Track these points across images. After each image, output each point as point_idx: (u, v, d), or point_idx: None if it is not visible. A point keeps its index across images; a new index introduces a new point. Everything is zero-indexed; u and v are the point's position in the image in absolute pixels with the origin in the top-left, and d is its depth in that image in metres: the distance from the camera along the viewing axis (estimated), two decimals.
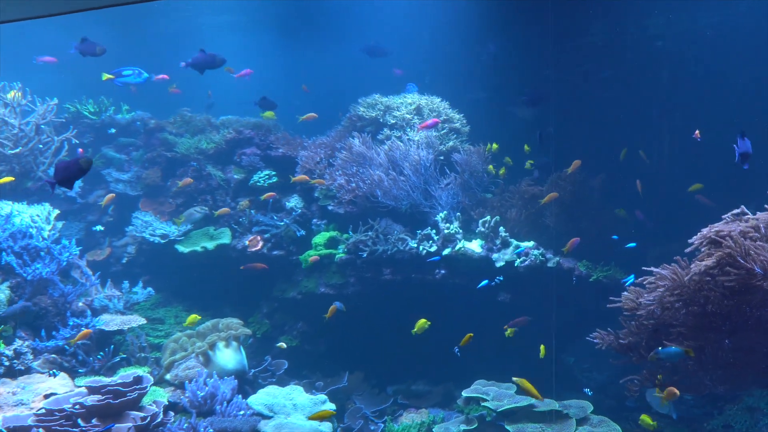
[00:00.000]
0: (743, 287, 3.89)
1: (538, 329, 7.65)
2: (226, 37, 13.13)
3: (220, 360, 6.51)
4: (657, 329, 4.63)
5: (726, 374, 4.51)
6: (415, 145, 7.49)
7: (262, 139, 8.47)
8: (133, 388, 5.31)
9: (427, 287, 7.41)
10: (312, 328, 8.02)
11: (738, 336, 4.25)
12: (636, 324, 4.84)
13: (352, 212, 7.72)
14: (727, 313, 4.19)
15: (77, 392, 5.49)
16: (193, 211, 7.67)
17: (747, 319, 4.17)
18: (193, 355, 6.41)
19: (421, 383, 7.90)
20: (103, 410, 5.11)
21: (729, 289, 3.97)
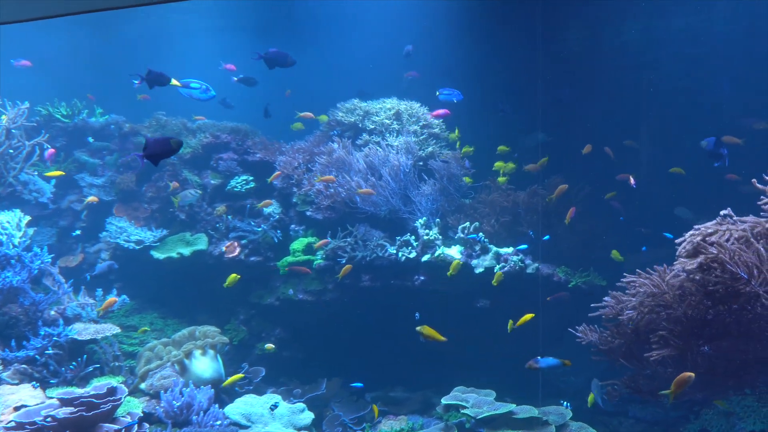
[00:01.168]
0: (726, 292, 3.89)
1: (518, 336, 7.68)
2: (203, 39, 12.99)
3: (196, 369, 6.40)
4: (637, 334, 4.63)
5: (705, 380, 4.52)
6: (394, 151, 7.44)
7: (239, 144, 8.37)
8: (107, 400, 5.20)
9: (406, 293, 7.37)
10: (290, 334, 7.95)
11: (717, 342, 4.25)
12: (616, 329, 4.84)
13: (330, 218, 7.65)
14: (707, 318, 4.19)
15: (49, 404, 5.35)
16: (188, 194, 7.54)
17: (727, 326, 4.18)
18: (169, 364, 6.30)
19: (399, 390, 7.87)
20: (75, 423, 4.99)
21: (711, 293, 3.97)
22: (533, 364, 4.67)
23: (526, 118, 8.72)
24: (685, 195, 7.85)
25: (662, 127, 8.47)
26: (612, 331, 4.86)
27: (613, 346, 4.83)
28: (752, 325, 4.01)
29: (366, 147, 7.76)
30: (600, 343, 4.91)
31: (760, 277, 3.62)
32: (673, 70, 8.79)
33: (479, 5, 9.83)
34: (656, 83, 8.76)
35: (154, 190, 8.27)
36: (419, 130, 7.93)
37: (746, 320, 4.07)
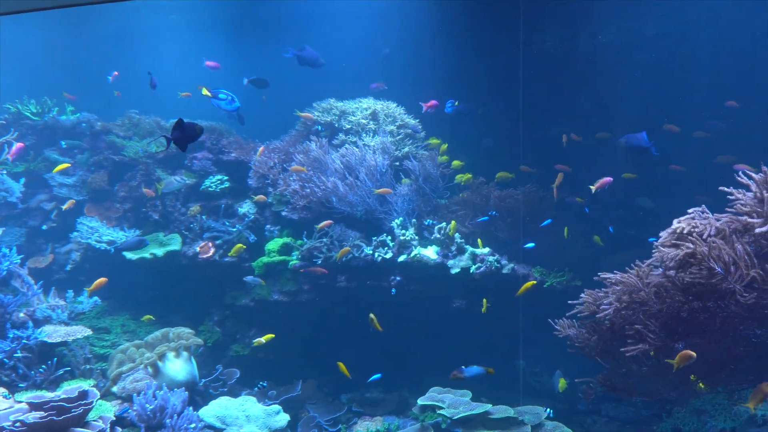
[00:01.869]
0: (702, 288, 3.92)
1: (494, 336, 7.71)
2: (176, 36, 12.82)
3: (170, 371, 6.31)
4: (613, 331, 4.65)
5: (679, 379, 4.56)
6: (371, 151, 7.41)
7: (214, 143, 8.27)
8: (78, 404, 5.09)
9: (382, 294, 7.35)
10: (265, 335, 7.86)
11: (692, 339, 4.29)
12: (593, 325, 4.86)
13: (306, 218, 7.60)
14: (681, 316, 4.23)
15: (17, 409, 5.23)
16: (174, 180, 7.42)
17: (701, 323, 4.22)
18: (142, 367, 6.20)
19: (375, 391, 7.84)
20: (46, 428, 4.88)
21: (687, 289, 4.00)
22: (458, 374, 4.68)
23: (502, 120, 8.77)
24: (658, 192, 7.96)
25: (638, 126, 8.54)
26: (588, 327, 4.88)
27: (589, 343, 4.85)
28: (726, 324, 4.06)
29: (343, 147, 7.72)
30: (576, 339, 4.93)
31: (737, 274, 3.65)
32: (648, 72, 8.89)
33: (457, 5, 9.84)
34: (630, 84, 8.85)
35: (127, 190, 8.14)
36: (395, 130, 7.91)
37: (720, 318, 4.11)
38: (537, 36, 9.61)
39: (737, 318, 4.01)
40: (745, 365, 4.31)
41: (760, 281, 3.67)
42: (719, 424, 6.32)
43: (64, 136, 8.84)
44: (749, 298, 3.63)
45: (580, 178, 7.47)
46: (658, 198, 7.99)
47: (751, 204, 3.89)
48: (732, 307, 3.95)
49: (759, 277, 3.66)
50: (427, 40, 10.13)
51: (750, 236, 3.76)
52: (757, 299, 3.67)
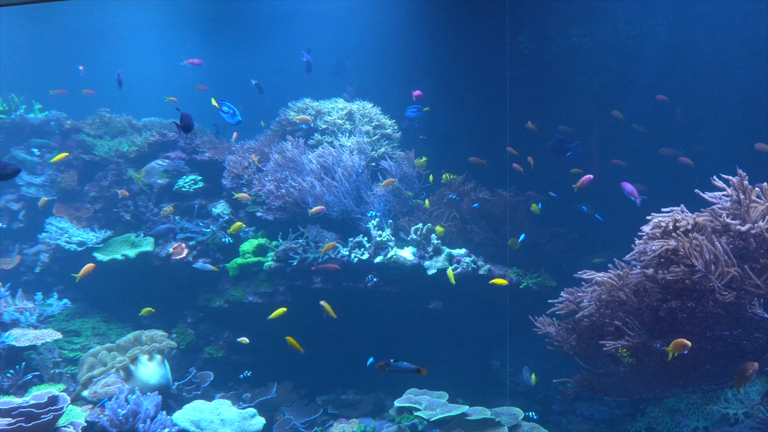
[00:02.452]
0: (681, 286, 3.92)
1: (469, 338, 7.72)
2: (147, 34, 12.64)
3: (142, 375, 6.19)
4: (592, 330, 4.66)
5: (657, 378, 4.59)
6: (347, 151, 7.36)
7: (187, 143, 8.14)
8: (48, 410, 4.97)
9: (358, 295, 7.30)
10: (239, 337, 7.76)
11: (669, 339, 4.31)
12: (572, 324, 4.86)
13: (281, 219, 7.53)
14: (659, 315, 4.24)
15: None
16: (155, 165, 7.24)
17: (680, 322, 4.23)
18: (113, 370, 6.07)
19: (350, 392, 7.79)
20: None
21: (666, 287, 4.00)
22: (385, 367, 4.60)
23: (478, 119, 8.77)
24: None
25: (609, 130, 8.61)
26: (568, 326, 4.88)
27: (568, 341, 4.85)
28: (703, 323, 4.09)
29: (319, 147, 7.66)
30: (556, 337, 4.93)
31: (717, 272, 3.67)
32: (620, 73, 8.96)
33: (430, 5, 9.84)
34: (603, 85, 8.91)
35: (98, 190, 7.98)
36: (371, 131, 7.87)
37: (698, 318, 4.13)
38: (511, 37, 9.65)
39: (714, 318, 4.04)
40: (720, 366, 4.35)
41: (738, 280, 3.70)
42: (692, 423, 6.41)
43: (31, 135, 8.64)
44: (728, 296, 3.65)
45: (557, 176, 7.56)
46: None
47: (729, 207, 3.93)
48: (709, 307, 3.98)
49: (738, 276, 3.69)
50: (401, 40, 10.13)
51: (728, 237, 3.80)
52: (735, 298, 3.70)
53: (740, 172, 4.00)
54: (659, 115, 8.27)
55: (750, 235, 3.73)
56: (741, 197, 3.84)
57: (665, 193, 7.06)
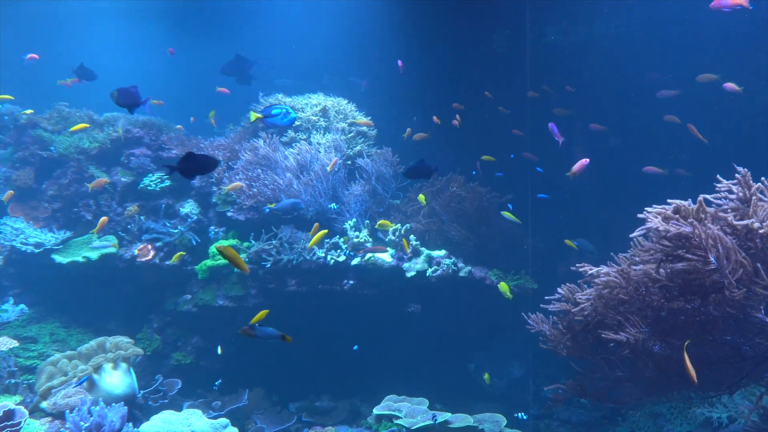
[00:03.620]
0: (689, 280, 3.73)
1: (448, 341, 7.52)
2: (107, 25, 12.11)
3: (106, 384, 5.81)
4: (587, 331, 4.47)
5: (654, 383, 4.43)
6: (323, 149, 7.09)
7: (153, 139, 7.75)
8: (4, 425, 4.60)
9: (334, 298, 7.04)
10: (208, 343, 7.45)
11: (669, 341, 4.14)
12: (567, 323, 4.66)
13: (253, 219, 7.22)
14: (661, 315, 4.05)
15: None
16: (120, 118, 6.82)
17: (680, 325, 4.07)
18: (75, 380, 5.68)
19: (325, 399, 7.54)
20: None
21: (671, 280, 3.79)
22: (249, 331, 4.27)
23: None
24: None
25: (585, 128, 8.52)
26: (563, 325, 4.67)
27: (562, 341, 4.64)
28: (705, 326, 3.93)
29: (294, 144, 7.37)
30: (550, 336, 4.72)
31: (729, 266, 3.50)
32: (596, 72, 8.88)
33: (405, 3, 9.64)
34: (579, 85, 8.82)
35: (56, 188, 7.54)
36: (347, 128, 7.61)
37: (700, 319, 3.96)
38: (485, 35, 9.53)
39: (716, 321, 3.90)
40: (720, 371, 4.21)
41: (747, 280, 3.55)
42: (675, 428, 6.31)
43: None
44: (738, 294, 3.49)
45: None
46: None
47: (733, 207, 3.79)
48: (711, 309, 3.83)
49: (748, 274, 3.54)
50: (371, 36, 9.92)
51: (734, 237, 3.65)
52: (744, 299, 3.54)
53: (742, 170, 3.87)
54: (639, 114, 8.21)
55: (757, 234, 3.59)
56: (746, 194, 3.70)
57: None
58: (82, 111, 8.18)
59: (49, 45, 10.85)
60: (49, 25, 11.90)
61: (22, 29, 11.85)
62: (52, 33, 11.82)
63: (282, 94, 7.92)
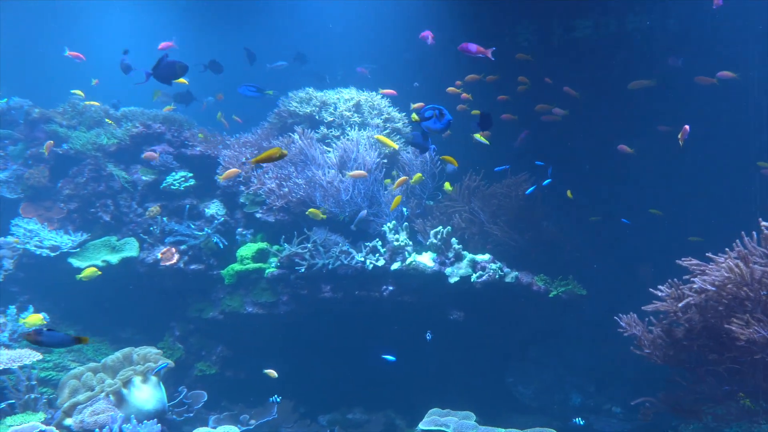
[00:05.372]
0: None
1: (487, 350, 7.11)
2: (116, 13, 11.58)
3: (136, 400, 5.36)
4: (690, 336, 4.03)
5: None
6: (362, 146, 6.64)
7: (175, 136, 7.28)
8: None
9: (371, 305, 6.62)
10: (234, 352, 7.03)
11: None
12: (666, 327, 4.22)
13: (283, 220, 6.78)
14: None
15: None
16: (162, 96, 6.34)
17: None
18: (103, 395, 5.22)
19: (357, 411, 7.15)
20: None
21: None
22: (35, 336, 3.81)
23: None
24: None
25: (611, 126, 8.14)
26: (661, 328, 4.21)
27: (660, 346, 4.18)
28: None
29: (324, 141, 6.94)
30: (643, 340, 4.27)
31: None
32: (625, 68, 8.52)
33: None
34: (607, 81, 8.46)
35: (72, 187, 7.06)
36: (381, 124, 7.18)
37: None
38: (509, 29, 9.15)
39: None
40: None
41: None
42: None
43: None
44: None
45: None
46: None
47: None
48: None
49: None
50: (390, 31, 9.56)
51: None
52: None
53: None
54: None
55: None
56: None
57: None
58: (99, 105, 7.70)
59: (53, 31, 10.33)
60: (54, 13, 11.36)
61: (28, 20, 11.31)
62: (59, 22, 11.28)
63: (312, 88, 7.47)
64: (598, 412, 7.70)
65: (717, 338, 3.84)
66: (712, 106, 7.46)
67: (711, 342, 3.87)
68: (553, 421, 7.29)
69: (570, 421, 7.22)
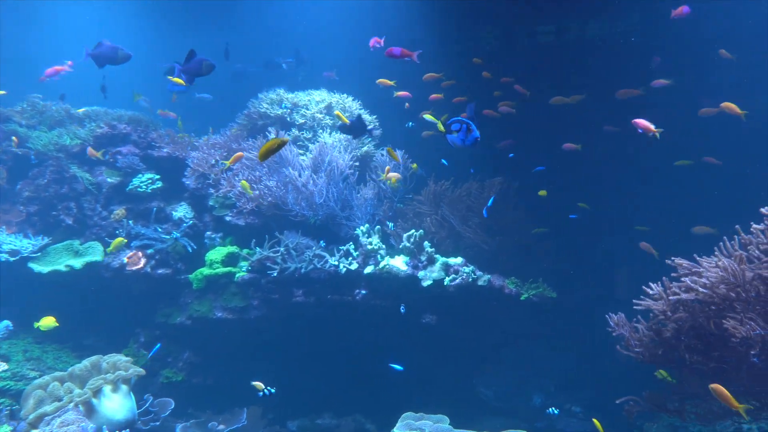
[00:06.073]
0: None
1: (458, 353, 7.13)
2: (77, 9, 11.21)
3: (107, 410, 5.18)
4: (678, 336, 4.09)
5: None
6: (336, 148, 6.59)
7: (141, 137, 7.08)
8: None
9: (344, 309, 6.57)
10: (202, 358, 6.88)
11: None
12: (655, 327, 4.27)
13: (253, 224, 6.68)
14: None
15: None
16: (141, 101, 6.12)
17: None
18: (72, 405, 5.03)
19: (327, 416, 7.08)
20: None
21: None
22: None
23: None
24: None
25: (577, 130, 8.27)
26: (651, 328, 4.26)
27: (648, 346, 4.23)
28: None
29: (296, 143, 6.86)
30: (631, 340, 4.31)
31: None
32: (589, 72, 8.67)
33: None
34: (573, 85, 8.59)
35: (33, 189, 6.79)
36: None
37: None
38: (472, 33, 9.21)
39: None
40: None
41: None
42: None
43: None
44: None
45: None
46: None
47: None
48: None
49: None
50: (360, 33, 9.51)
51: None
52: None
53: None
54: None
55: None
56: None
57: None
58: (59, 105, 7.44)
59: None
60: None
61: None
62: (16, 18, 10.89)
63: (283, 90, 7.37)
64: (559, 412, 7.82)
65: (704, 338, 3.92)
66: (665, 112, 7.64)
67: (698, 342, 3.96)
68: (521, 423, 7.37)
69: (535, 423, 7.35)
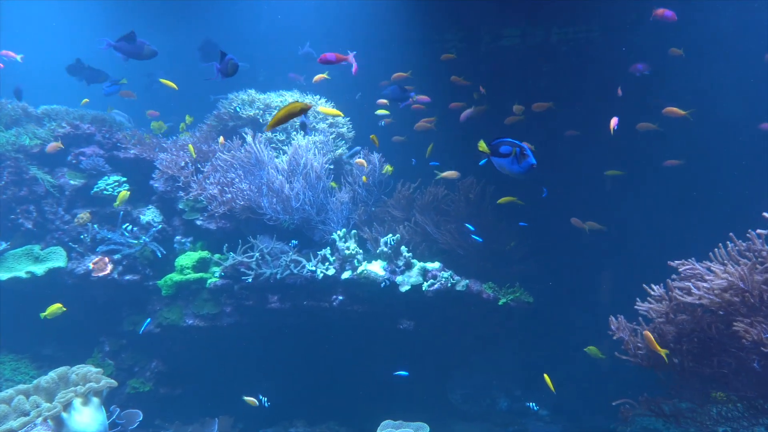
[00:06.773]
0: None
1: (433, 358, 7.06)
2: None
3: (77, 424, 4.91)
4: (679, 341, 4.09)
5: None
6: (311, 152, 6.44)
7: (106, 137, 6.77)
8: None
9: (320, 315, 6.42)
10: (170, 367, 6.62)
11: None
12: (657, 330, 4.26)
13: (225, 228, 6.47)
14: None
15: None
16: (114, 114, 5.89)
17: None
18: (40, 420, 4.76)
19: (300, 424, 6.94)
20: None
21: None
22: None
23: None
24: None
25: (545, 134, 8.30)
26: (653, 331, 4.24)
27: (647, 350, 4.21)
28: None
29: (269, 145, 6.67)
30: (630, 343, 4.30)
31: None
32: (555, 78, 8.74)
33: None
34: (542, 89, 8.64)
35: None
36: (327, 129, 7.00)
37: None
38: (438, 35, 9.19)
39: None
40: None
41: None
42: None
43: None
44: None
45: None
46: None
47: None
48: None
49: None
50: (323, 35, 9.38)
51: None
52: None
53: None
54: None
55: None
56: None
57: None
58: (15, 102, 7.05)
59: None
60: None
61: None
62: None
63: (254, 90, 7.17)
64: (526, 415, 7.85)
65: (705, 342, 3.94)
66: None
67: (698, 346, 3.97)
68: (495, 428, 7.37)
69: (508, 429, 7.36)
